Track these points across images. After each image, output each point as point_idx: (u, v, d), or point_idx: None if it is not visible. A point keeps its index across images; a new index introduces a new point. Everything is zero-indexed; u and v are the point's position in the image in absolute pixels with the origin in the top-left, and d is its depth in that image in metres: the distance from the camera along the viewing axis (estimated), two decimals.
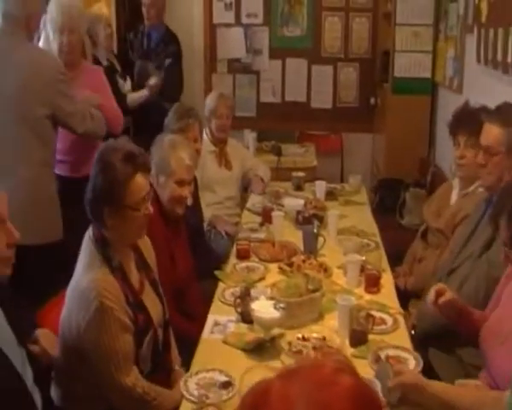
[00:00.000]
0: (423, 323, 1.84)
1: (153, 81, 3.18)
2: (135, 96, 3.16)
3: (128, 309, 1.50)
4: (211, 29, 4.14)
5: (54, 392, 1.57)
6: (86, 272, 1.49)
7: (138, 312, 1.53)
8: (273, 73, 4.22)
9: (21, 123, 2.08)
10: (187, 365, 1.65)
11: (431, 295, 1.56)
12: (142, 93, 3.17)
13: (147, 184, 1.55)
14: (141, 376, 1.52)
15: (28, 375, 1.39)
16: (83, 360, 1.50)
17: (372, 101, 4.10)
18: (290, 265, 2.04)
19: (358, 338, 1.65)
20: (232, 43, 4.18)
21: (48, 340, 1.46)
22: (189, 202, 2.00)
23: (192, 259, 2.07)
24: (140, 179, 1.51)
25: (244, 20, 4.19)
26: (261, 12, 4.22)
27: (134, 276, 1.58)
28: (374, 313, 1.73)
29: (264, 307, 1.65)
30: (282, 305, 1.65)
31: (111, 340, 1.46)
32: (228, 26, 4.16)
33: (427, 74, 3.52)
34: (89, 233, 1.55)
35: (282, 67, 4.23)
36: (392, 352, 1.59)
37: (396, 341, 1.66)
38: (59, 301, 1.65)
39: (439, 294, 1.55)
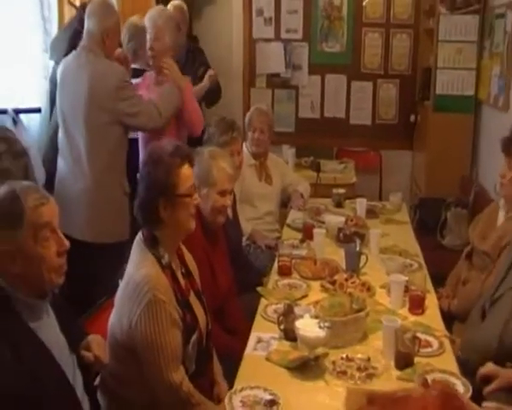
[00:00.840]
0: (469, 355, 1.78)
1: (211, 72, 3.18)
2: (197, 89, 3.18)
3: (177, 306, 1.54)
4: (250, 44, 4.17)
5: (101, 399, 1.58)
6: (138, 269, 1.53)
7: (186, 310, 1.58)
8: (312, 89, 4.22)
9: (90, 130, 2.32)
10: (228, 380, 1.64)
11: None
12: (203, 85, 3.14)
13: (192, 175, 1.64)
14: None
15: (78, 382, 1.40)
16: (131, 360, 1.52)
17: (412, 118, 4.06)
18: (333, 283, 2.02)
19: (404, 360, 1.61)
20: (271, 59, 4.20)
21: (99, 346, 1.47)
22: (229, 212, 2.02)
23: (232, 273, 2.07)
24: (187, 170, 1.62)
25: (284, 35, 4.21)
26: (301, 27, 4.23)
27: (181, 279, 1.61)
28: (419, 335, 1.70)
29: (308, 326, 1.63)
30: (326, 324, 1.63)
31: (162, 333, 1.49)
32: (267, 41, 4.18)
33: (471, 92, 3.47)
34: (139, 236, 1.61)
35: (322, 83, 4.23)
36: (439, 376, 1.55)
37: (443, 365, 1.62)
38: (106, 309, 1.68)
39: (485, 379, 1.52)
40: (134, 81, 2.56)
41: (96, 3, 2.40)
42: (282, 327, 1.73)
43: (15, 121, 2.58)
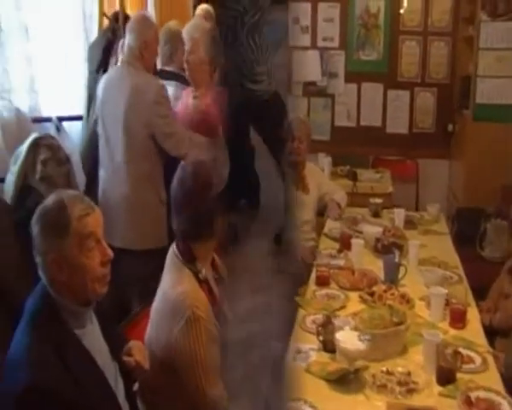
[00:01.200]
0: None
1: None
2: None
3: (215, 321, 1.54)
4: (287, 52, 4.17)
5: (140, 406, 1.59)
6: (175, 286, 1.53)
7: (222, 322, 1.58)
8: (348, 97, 4.20)
9: (129, 141, 2.36)
10: None
11: None
12: None
13: None
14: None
15: (120, 389, 1.42)
16: (169, 373, 1.52)
17: (450, 127, 4.00)
18: (371, 294, 2.00)
19: (446, 376, 1.59)
20: (308, 67, 4.19)
21: (140, 352, 1.49)
22: None
23: None
24: None
25: (320, 43, 4.20)
26: (337, 35, 4.21)
27: (215, 289, 1.62)
28: (461, 350, 1.66)
29: (348, 338, 1.62)
30: (367, 337, 1.61)
31: (201, 349, 1.49)
32: (304, 49, 4.18)
33: None
34: (172, 249, 1.60)
35: (358, 91, 4.20)
36: (483, 394, 1.52)
37: (486, 382, 1.58)
38: (143, 317, 1.69)
39: None
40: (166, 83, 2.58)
41: (134, 19, 2.46)
42: (320, 338, 1.72)
43: (58, 129, 2.64)
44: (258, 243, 3.03)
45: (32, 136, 2.16)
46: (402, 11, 4.11)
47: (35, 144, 2.10)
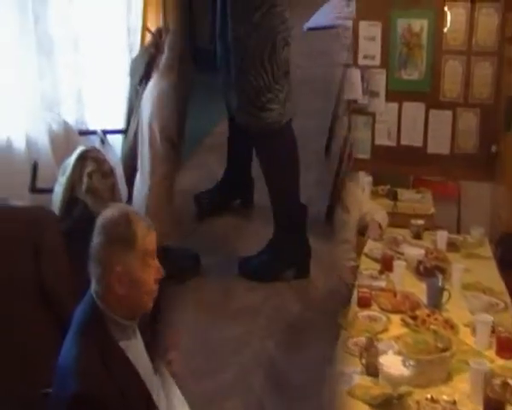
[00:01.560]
0: None
1: None
2: None
3: None
4: None
5: None
6: None
7: None
8: (389, 116, 4.16)
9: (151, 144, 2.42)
10: None
11: None
12: None
13: None
14: None
15: (162, 403, 1.42)
16: None
17: (493, 148, 3.92)
18: (414, 318, 1.96)
19: (494, 408, 1.54)
20: (348, 84, 4.18)
21: (178, 363, 1.49)
22: None
23: None
24: None
25: (361, 61, 4.18)
26: (379, 54, 4.19)
27: None
28: (510, 381, 1.61)
29: (392, 362, 1.59)
30: (411, 362, 1.58)
31: None
32: (345, 67, 4.17)
33: None
34: None
35: (399, 110, 4.16)
36: None
37: None
38: None
39: None
40: None
41: None
42: (363, 362, 1.69)
43: (103, 141, 2.68)
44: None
45: (79, 148, 2.21)
46: (445, 30, 4.07)
47: (82, 157, 2.14)
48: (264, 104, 2.57)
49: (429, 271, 2.32)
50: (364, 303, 2.09)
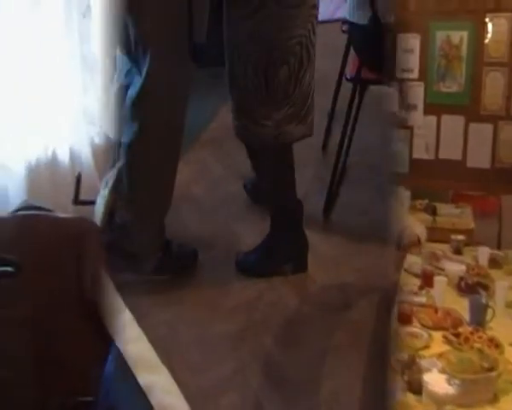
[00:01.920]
0: None
1: None
2: None
3: None
4: None
5: None
6: None
7: None
8: (427, 130, 4.10)
9: None
10: None
11: None
12: None
13: None
14: None
15: None
16: None
17: None
18: (456, 335, 1.93)
19: None
20: (385, 98, 4.15)
21: None
22: None
23: None
24: None
25: (399, 74, 4.15)
26: (417, 67, 4.15)
27: None
28: None
29: (436, 381, 1.56)
30: (456, 381, 1.55)
31: None
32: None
33: None
34: None
35: (437, 124, 4.10)
36: None
37: None
38: None
39: None
40: None
41: None
42: (405, 378, 1.67)
43: None
44: None
45: (121, 161, 2.25)
46: (486, 42, 4.01)
47: None
48: (255, 119, 2.54)
49: (471, 287, 2.28)
50: (405, 319, 2.06)
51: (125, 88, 2.71)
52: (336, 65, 3.61)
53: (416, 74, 4.36)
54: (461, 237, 2.88)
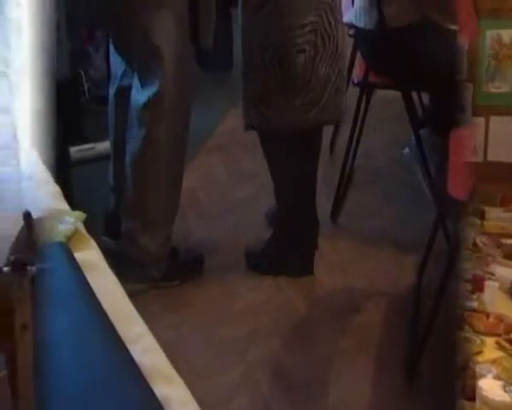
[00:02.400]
0: None
1: None
2: None
3: None
4: None
5: None
6: None
7: None
8: (476, 131, 4.06)
9: None
10: None
11: None
12: None
13: None
14: None
15: None
16: None
17: None
18: (510, 341, 1.92)
19: None
20: None
21: None
22: None
23: None
24: None
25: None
26: (465, 67, 4.09)
27: None
28: None
29: (491, 387, 1.55)
30: None
31: None
32: None
33: None
34: None
35: (486, 125, 4.04)
36: None
37: None
38: None
39: None
40: None
41: None
42: (460, 383, 1.66)
43: None
44: None
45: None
46: None
47: None
48: (272, 106, 2.58)
49: None
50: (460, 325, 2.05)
51: (124, 90, 2.75)
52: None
53: (464, 75, 4.25)
54: (511, 241, 2.84)
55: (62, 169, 2.86)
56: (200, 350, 2.54)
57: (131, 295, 1.12)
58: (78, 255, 1.09)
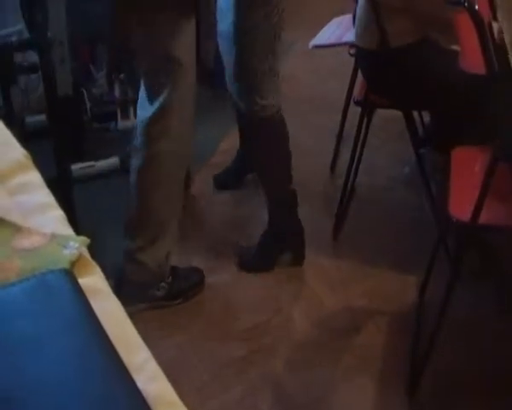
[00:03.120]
0: None
1: None
2: None
3: None
4: None
5: None
6: None
7: None
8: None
9: None
10: None
11: None
12: None
13: None
14: None
15: None
16: None
17: None
18: None
19: None
20: None
21: None
22: None
23: None
24: None
25: None
26: None
27: None
28: None
29: None
30: None
31: None
32: None
33: None
34: None
35: None
36: None
37: None
38: None
39: None
40: None
41: None
42: None
43: None
44: None
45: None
46: None
47: None
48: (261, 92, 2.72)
49: None
50: None
51: None
52: (344, 87, 3.64)
53: None
54: None
55: (64, 187, 2.87)
56: (202, 369, 2.53)
57: (132, 316, 1.12)
58: (82, 281, 1.09)
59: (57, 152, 2.90)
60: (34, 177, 1.45)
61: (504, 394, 2.45)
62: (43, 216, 1.30)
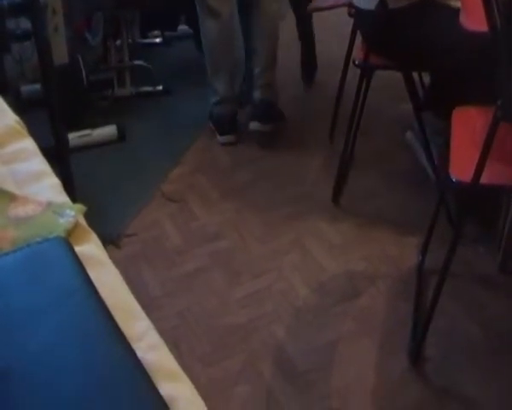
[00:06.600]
0: None
1: None
2: None
3: None
4: None
5: None
6: None
7: None
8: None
9: None
10: None
11: None
12: None
13: None
14: None
15: None
16: None
17: None
18: None
19: None
20: None
21: None
22: None
23: None
24: None
25: None
26: None
27: None
28: None
29: None
30: None
31: None
32: None
33: None
34: None
35: None
36: None
37: None
38: None
39: None
40: None
41: None
42: None
43: None
44: None
45: None
46: None
47: None
48: None
49: None
50: None
51: None
52: (343, 50, 3.57)
53: None
54: None
55: (61, 156, 2.84)
56: (203, 337, 2.54)
57: None
58: (79, 249, 1.07)
59: (53, 121, 2.85)
60: (28, 144, 1.42)
61: (507, 352, 2.46)
62: (38, 184, 1.28)
